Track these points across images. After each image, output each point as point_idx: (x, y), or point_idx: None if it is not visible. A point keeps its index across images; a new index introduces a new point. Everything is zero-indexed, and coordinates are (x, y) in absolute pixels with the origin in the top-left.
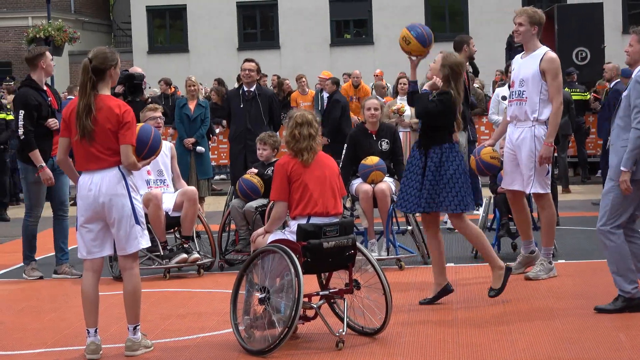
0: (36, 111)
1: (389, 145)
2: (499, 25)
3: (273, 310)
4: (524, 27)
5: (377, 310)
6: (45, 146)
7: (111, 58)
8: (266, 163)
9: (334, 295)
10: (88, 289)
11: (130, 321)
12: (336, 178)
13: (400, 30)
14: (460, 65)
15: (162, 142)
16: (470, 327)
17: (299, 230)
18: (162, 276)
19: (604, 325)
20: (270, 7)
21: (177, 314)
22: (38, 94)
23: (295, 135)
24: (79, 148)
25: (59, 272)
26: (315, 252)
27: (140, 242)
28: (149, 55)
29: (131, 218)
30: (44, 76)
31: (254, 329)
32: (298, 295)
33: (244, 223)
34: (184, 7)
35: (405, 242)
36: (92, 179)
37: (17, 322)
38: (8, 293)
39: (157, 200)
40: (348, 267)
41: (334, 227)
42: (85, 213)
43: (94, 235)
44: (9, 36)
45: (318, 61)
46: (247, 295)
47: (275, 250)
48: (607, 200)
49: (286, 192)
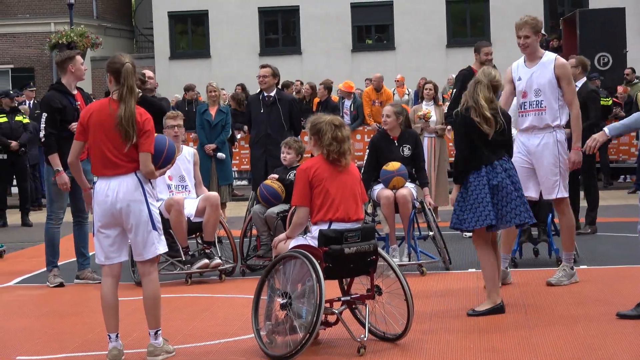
0: (59, 114)
1: (410, 151)
2: None
3: (295, 315)
4: (530, 39)
5: (399, 316)
6: (66, 150)
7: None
8: (288, 168)
9: (355, 300)
10: (107, 295)
11: (151, 326)
12: (358, 184)
13: (423, 35)
14: (490, 76)
15: (176, 151)
16: (491, 333)
17: (320, 235)
18: (183, 281)
19: (626, 331)
20: (292, 12)
21: (199, 319)
22: (64, 97)
23: (337, 137)
24: (97, 153)
25: (81, 277)
26: (337, 258)
27: (157, 248)
28: (170, 60)
29: (148, 224)
30: (73, 80)
31: (276, 335)
32: (320, 301)
33: (265, 229)
34: (205, 13)
35: (427, 247)
36: (110, 184)
37: (39, 326)
38: (30, 298)
39: (178, 206)
40: (369, 273)
41: (355, 233)
42: (102, 219)
43: (112, 240)
44: (31, 42)
45: (339, 67)
46: (268, 301)
47: (296, 256)
48: None
49: (308, 197)
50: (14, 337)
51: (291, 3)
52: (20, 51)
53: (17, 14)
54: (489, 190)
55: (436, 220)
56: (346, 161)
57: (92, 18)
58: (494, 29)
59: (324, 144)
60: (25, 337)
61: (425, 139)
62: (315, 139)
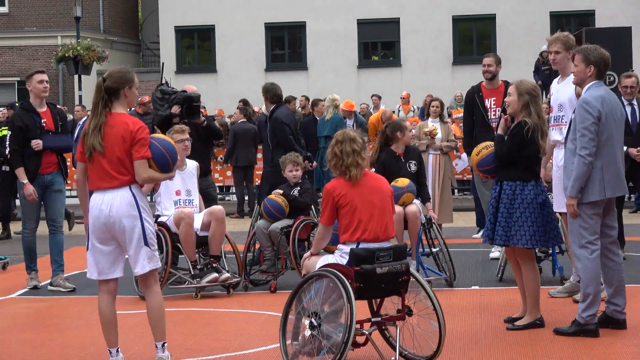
0: (22, 132)
1: (416, 166)
2: (528, 48)
3: (323, 336)
4: (560, 55)
5: (429, 337)
6: (30, 165)
7: (126, 78)
8: (292, 184)
9: (385, 321)
10: (104, 311)
11: (157, 339)
12: (388, 199)
13: (429, 53)
14: (536, 89)
15: (177, 156)
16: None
17: (351, 254)
18: (189, 295)
19: (632, 351)
20: (298, 28)
21: (202, 333)
22: (29, 115)
23: (337, 154)
24: (91, 167)
25: (54, 285)
26: (368, 278)
27: (147, 264)
28: (176, 75)
29: (141, 240)
30: (34, 98)
31: (303, 355)
32: (350, 322)
33: (269, 244)
34: (212, 28)
35: (429, 264)
36: (104, 198)
37: (43, 338)
38: (34, 310)
39: (189, 219)
40: (401, 293)
41: (387, 252)
42: (96, 232)
43: (106, 255)
44: (38, 55)
45: (345, 83)
46: (296, 320)
47: (327, 275)
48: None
49: (333, 218)
50: (17, 349)
51: (298, 19)
52: (27, 64)
53: (24, 27)
54: (538, 207)
55: (443, 236)
56: (354, 173)
57: (98, 32)
58: (500, 46)
59: (329, 159)
60: (29, 349)
61: (430, 156)
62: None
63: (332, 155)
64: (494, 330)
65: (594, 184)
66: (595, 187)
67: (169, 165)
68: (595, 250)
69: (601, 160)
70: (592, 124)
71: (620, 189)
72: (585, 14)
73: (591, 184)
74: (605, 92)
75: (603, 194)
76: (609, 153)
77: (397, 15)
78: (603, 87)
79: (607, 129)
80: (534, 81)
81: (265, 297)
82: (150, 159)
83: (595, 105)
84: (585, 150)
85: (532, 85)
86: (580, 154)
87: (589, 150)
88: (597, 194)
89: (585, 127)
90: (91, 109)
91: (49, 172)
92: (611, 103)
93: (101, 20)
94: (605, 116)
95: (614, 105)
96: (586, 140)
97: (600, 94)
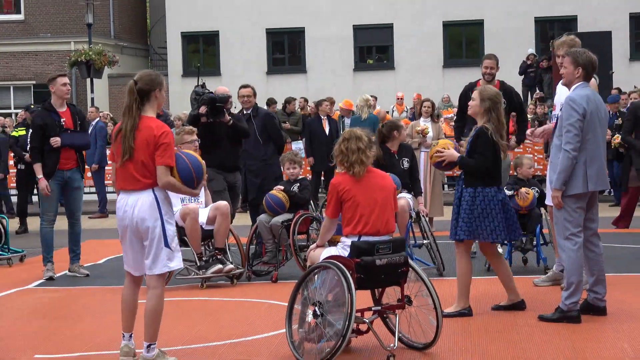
0: (41, 130)
1: (409, 163)
2: (514, 51)
3: (326, 324)
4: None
5: (426, 328)
6: (49, 161)
7: (157, 80)
8: (292, 181)
9: (386, 310)
10: (126, 297)
11: (146, 338)
12: (390, 196)
13: (421, 57)
14: (498, 95)
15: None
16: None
17: (352, 247)
18: (195, 285)
19: (611, 336)
20: (297, 33)
21: (207, 321)
22: (48, 114)
23: (342, 151)
24: (118, 167)
25: (71, 271)
26: (368, 269)
27: (166, 265)
28: (183, 78)
29: (161, 240)
30: (56, 99)
31: (308, 342)
32: (350, 310)
33: (270, 237)
34: (216, 33)
35: (421, 255)
36: (128, 200)
37: (56, 327)
38: (49, 300)
39: (194, 214)
40: (400, 284)
41: (386, 245)
42: (122, 232)
43: (131, 253)
44: (52, 59)
45: (342, 85)
46: (301, 309)
47: (329, 266)
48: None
49: (337, 211)
50: (33, 336)
51: (297, 25)
52: (41, 68)
53: (39, 33)
54: (499, 204)
55: (431, 229)
56: (357, 170)
57: (109, 37)
58: (488, 50)
59: (335, 155)
60: (44, 337)
61: (422, 153)
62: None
63: (338, 151)
64: (481, 317)
65: (578, 178)
66: (579, 181)
67: (192, 181)
68: (578, 241)
69: (585, 156)
70: (578, 120)
71: (602, 184)
72: (568, 19)
73: (575, 178)
74: (590, 92)
75: (586, 188)
76: (593, 149)
77: (391, 20)
78: (589, 88)
79: (592, 127)
80: (520, 84)
81: (267, 286)
82: (174, 169)
83: (581, 103)
84: (570, 145)
85: (494, 92)
86: (565, 149)
87: (574, 146)
88: (580, 187)
89: (570, 124)
90: (124, 112)
91: (68, 168)
92: (596, 102)
93: (112, 27)
94: (590, 114)
95: (598, 104)
96: (571, 135)
97: (586, 94)
